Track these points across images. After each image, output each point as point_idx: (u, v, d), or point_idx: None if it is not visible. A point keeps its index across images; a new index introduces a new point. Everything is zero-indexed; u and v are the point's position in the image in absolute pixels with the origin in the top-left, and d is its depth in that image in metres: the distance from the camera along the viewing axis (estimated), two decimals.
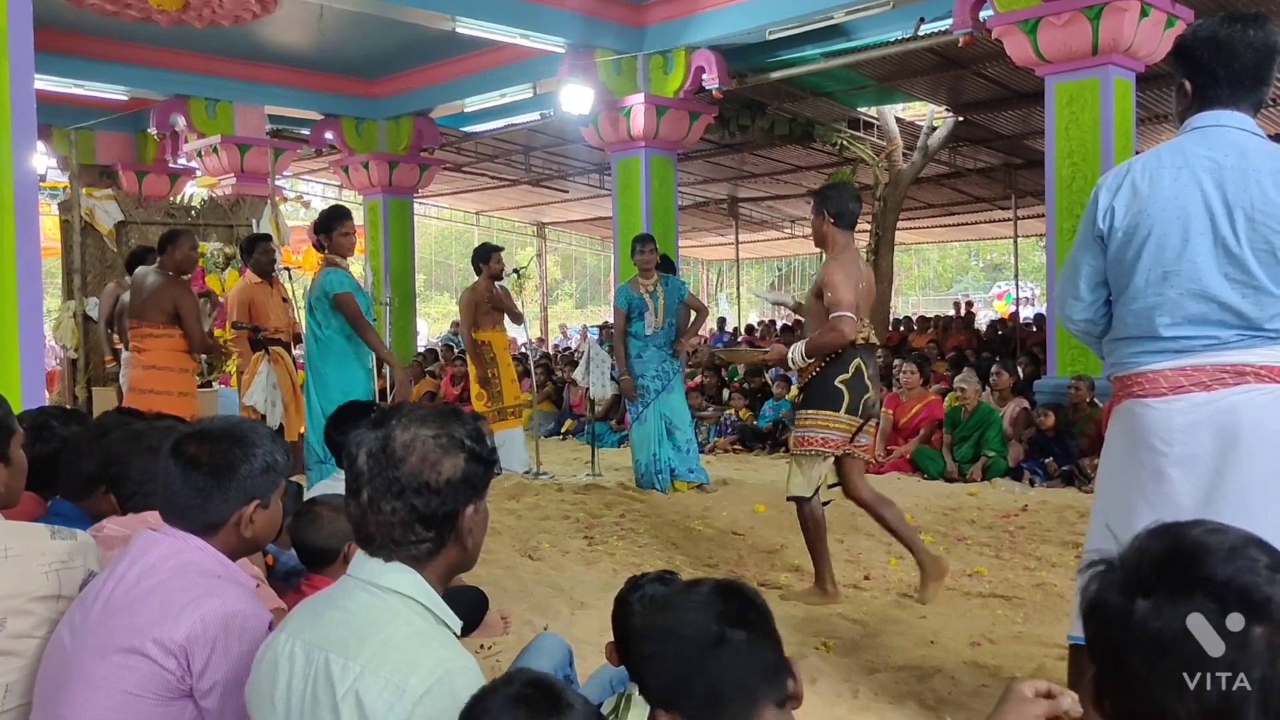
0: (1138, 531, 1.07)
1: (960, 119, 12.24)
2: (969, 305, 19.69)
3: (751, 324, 19.63)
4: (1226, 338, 2.31)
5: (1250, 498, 2.24)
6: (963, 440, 7.93)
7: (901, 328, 15.90)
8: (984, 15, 8.16)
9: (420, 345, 14.66)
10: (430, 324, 27.13)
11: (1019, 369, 9.14)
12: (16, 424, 2.21)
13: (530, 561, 5.17)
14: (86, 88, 11.21)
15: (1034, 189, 14.10)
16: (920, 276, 31.49)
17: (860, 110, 12.70)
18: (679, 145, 11.08)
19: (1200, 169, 2.30)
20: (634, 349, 7.20)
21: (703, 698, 1.37)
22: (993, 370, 8.63)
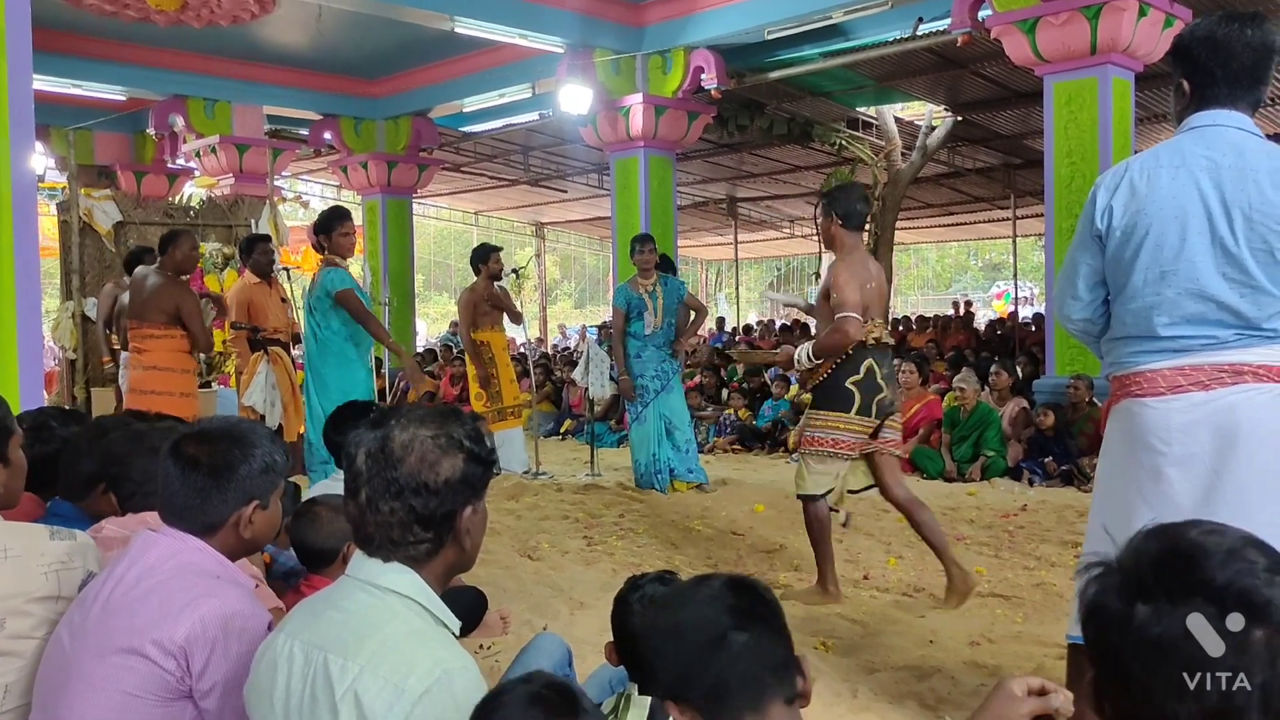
0: (1136, 531, 1.07)
1: (959, 119, 12.24)
2: (968, 305, 19.67)
3: (750, 324, 19.62)
4: (1224, 337, 2.31)
5: (1249, 497, 2.24)
6: (962, 440, 7.93)
7: (900, 327, 15.87)
8: (982, 15, 8.16)
9: (419, 345, 14.64)
10: (429, 324, 27.13)
11: (1018, 369, 9.15)
12: (16, 425, 2.21)
13: (529, 562, 5.17)
14: (85, 88, 11.20)
15: (1033, 188, 14.11)
16: (919, 276, 31.47)
17: (859, 110, 12.69)
18: (678, 145, 11.08)
19: (1198, 168, 2.30)
20: (633, 349, 7.20)
21: (710, 690, 1.37)
22: (992, 370, 8.64)
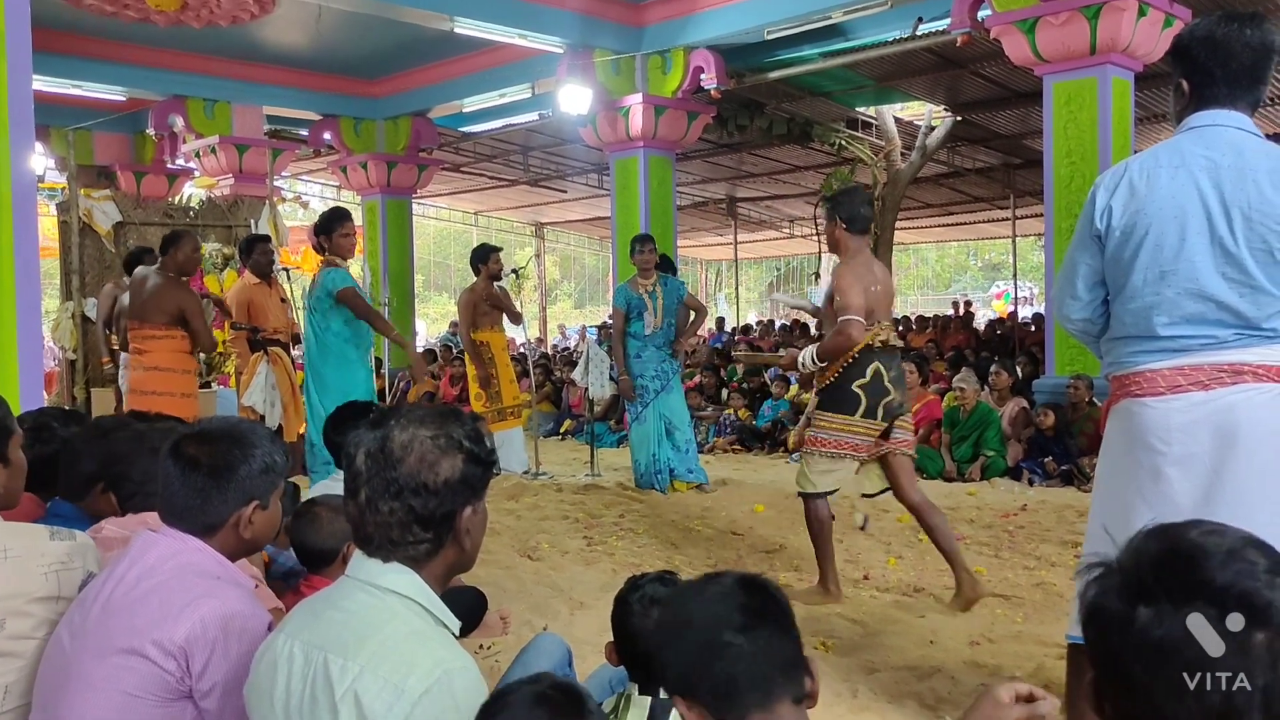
0: (1136, 531, 1.07)
1: (958, 119, 12.24)
2: (967, 305, 19.65)
3: (749, 324, 19.62)
4: (1224, 337, 2.31)
5: (1248, 496, 2.24)
6: (961, 440, 7.93)
7: (900, 327, 15.82)
8: (982, 15, 8.15)
9: (419, 346, 14.64)
10: (429, 324, 27.11)
11: (1018, 368, 9.15)
12: (16, 425, 2.21)
13: (529, 562, 5.17)
14: (84, 88, 11.19)
15: (1032, 188, 14.10)
16: (919, 276, 31.47)
17: (858, 110, 12.69)
18: (677, 145, 11.08)
19: (1197, 168, 2.30)
20: (633, 349, 7.20)
21: (719, 686, 1.38)
22: (991, 370, 8.64)
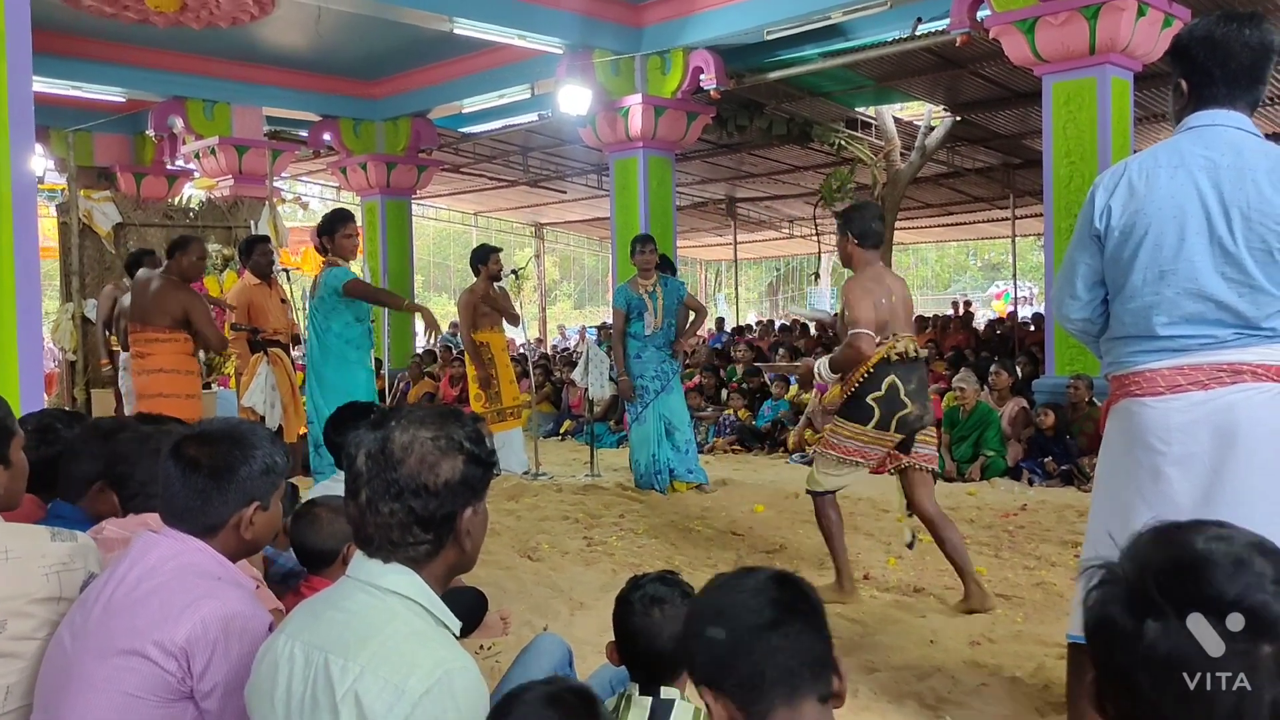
0: (1137, 533, 1.06)
1: (958, 119, 12.24)
2: (967, 305, 19.65)
3: (749, 324, 19.61)
4: (1223, 336, 2.31)
5: (1248, 496, 2.24)
6: (961, 440, 7.93)
7: None
8: (981, 15, 8.16)
9: (419, 346, 14.64)
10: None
11: (1017, 368, 9.14)
12: (17, 426, 2.21)
13: (529, 562, 5.17)
14: (84, 89, 11.20)
15: (1032, 188, 14.11)
16: (918, 276, 31.46)
17: (858, 110, 12.69)
18: (677, 145, 11.08)
19: (1197, 168, 2.30)
20: (633, 349, 7.19)
21: (746, 678, 1.39)
22: (991, 370, 8.64)
